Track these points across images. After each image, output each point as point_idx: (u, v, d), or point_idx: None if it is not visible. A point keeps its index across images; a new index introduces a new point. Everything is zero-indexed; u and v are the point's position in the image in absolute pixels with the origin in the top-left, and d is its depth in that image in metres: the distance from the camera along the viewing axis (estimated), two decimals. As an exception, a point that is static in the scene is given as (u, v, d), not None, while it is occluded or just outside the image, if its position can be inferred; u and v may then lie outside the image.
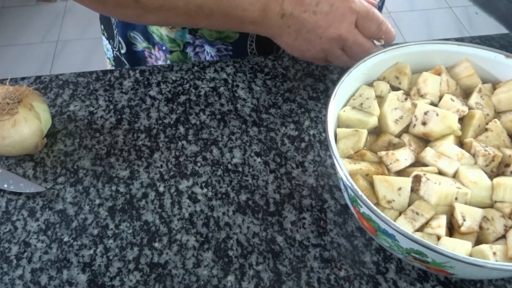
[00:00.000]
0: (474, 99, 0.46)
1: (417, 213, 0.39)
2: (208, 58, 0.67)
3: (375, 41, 0.54)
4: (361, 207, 0.39)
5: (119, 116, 0.57)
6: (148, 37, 0.67)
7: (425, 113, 0.44)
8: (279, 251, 0.45)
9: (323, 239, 0.46)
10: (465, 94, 0.49)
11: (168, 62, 0.68)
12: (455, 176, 0.41)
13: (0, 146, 0.49)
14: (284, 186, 0.50)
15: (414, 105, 0.45)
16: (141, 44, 0.68)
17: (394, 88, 0.49)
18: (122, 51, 0.71)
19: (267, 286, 0.43)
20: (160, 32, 0.65)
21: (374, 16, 0.52)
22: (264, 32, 0.55)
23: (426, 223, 0.39)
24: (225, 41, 0.64)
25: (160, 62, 0.69)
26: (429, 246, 0.34)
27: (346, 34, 0.51)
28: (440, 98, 0.47)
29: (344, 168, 0.39)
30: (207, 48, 0.66)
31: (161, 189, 0.50)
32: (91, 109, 0.57)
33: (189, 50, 0.66)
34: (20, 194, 0.49)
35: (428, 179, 0.39)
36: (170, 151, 0.53)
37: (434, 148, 0.43)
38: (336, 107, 0.45)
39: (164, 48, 0.67)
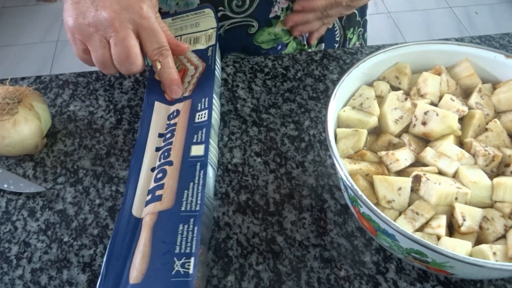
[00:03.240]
0: (474, 99, 0.46)
1: (417, 213, 0.39)
2: None
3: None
4: (361, 207, 0.39)
5: (119, 116, 0.57)
6: None
7: (425, 113, 0.44)
8: (279, 251, 0.45)
9: (323, 239, 0.46)
10: (465, 94, 0.49)
11: None
12: (455, 176, 0.41)
13: (0, 146, 0.49)
14: (284, 186, 0.50)
15: (414, 105, 0.45)
16: None
17: (394, 88, 0.49)
18: None
19: (267, 286, 0.43)
20: None
21: (159, 36, 0.49)
22: None
23: (426, 223, 0.39)
24: None
25: None
26: (429, 246, 0.34)
27: (119, 25, 0.46)
28: (440, 98, 0.47)
29: (344, 168, 0.39)
30: None
31: (161, 189, 0.50)
32: (91, 109, 0.57)
33: None
34: (20, 194, 0.49)
35: (428, 179, 0.39)
36: (170, 151, 0.53)
37: (434, 148, 0.43)
38: (336, 107, 0.45)
39: None
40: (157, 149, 0.49)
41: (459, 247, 0.37)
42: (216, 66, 0.55)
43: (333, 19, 0.69)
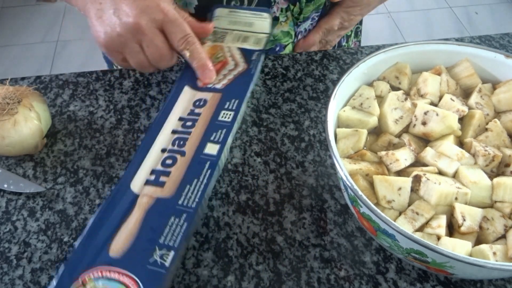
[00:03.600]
0: (474, 99, 0.46)
1: (417, 213, 0.39)
2: None
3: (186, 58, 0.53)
4: (361, 207, 0.39)
5: (119, 116, 0.57)
6: None
7: (425, 113, 0.44)
8: (279, 251, 0.45)
9: (323, 239, 0.46)
10: (465, 94, 0.49)
11: None
12: (455, 176, 0.41)
13: (0, 146, 0.49)
14: (284, 186, 0.50)
15: (414, 105, 0.45)
16: None
17: (394, 88, 0.49)
18: None
19: (267, 286, 0.43)
20: None
21: (182, 25, 0.50)
22: (74, 3, 0.54)
23: (426, 223, 0.39)
24: None
25: None
26: (429, 246, 0.34)
27: (145, 28, 0.48)
28: (440, 98, 0.47)
29: (344, 168, 0.39)
30: None
31: (161, 189, 0.50)
32: (91, 109, 0.57)
33: None
34: (20, 194, 0.49)
35: (428, 179, 0.39)
36: (170, 151, 0.53)
37: (434, 148, 0.43)
38: (336, 107, 0.45)
39: None
40: (174, 132, 0.49)
41: (459, 247, 0.37)
42: (256, 72, 0.55)
43: (335, 41, 0.72)
